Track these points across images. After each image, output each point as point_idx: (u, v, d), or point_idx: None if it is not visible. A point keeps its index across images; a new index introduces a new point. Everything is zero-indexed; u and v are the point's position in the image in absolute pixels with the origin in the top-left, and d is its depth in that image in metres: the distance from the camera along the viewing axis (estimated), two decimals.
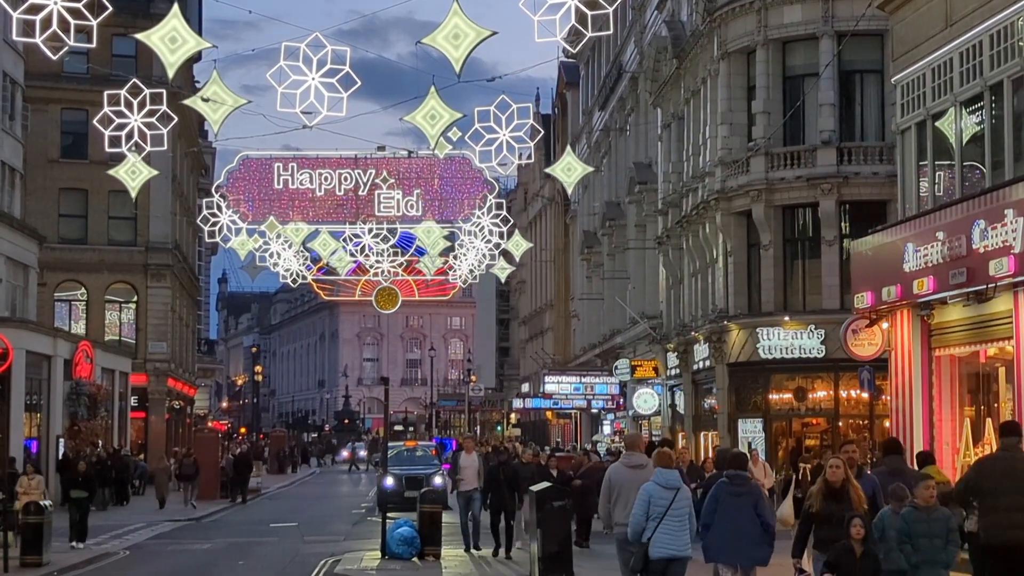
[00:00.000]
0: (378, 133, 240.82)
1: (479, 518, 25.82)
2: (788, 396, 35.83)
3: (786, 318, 35.09)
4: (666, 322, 46.17)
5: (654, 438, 37.47)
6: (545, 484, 20.16)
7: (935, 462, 17.08)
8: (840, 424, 34.81)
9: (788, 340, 35.10)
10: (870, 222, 29.42)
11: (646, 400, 46.00)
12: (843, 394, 34.75)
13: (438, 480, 35.25)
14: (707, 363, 39.02)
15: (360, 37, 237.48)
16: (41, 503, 24.55)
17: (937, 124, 23.74)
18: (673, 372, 44.66)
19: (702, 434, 40.65)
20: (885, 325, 24.98)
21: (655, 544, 13.58)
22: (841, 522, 12.86)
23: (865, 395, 32.10)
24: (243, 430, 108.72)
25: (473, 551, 25.26)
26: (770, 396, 36.04)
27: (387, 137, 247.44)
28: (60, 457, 41.53)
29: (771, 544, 14.26)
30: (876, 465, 17.20)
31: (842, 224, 34.95)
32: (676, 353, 43.44)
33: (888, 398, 26.13)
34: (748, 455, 19.40)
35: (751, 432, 36.13)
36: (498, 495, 24.71)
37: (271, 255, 37.38)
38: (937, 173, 24.08)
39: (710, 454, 32.18)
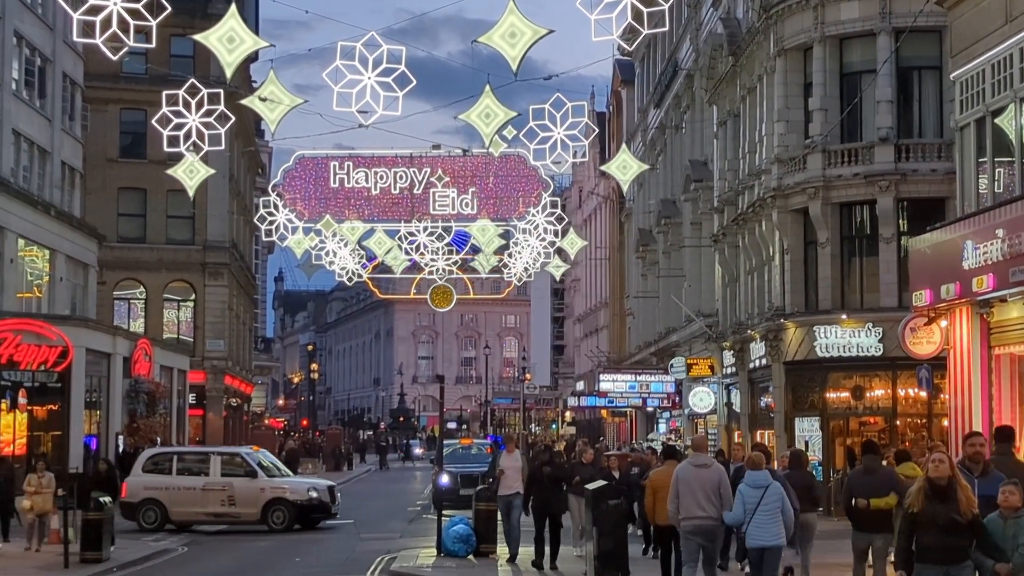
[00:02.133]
0: (429, 131, 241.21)
1: (519, 524, 23.34)
2: (845, 395, 35.59)
3: (843, 316, 34.85)
4: (722, 320, 45.98)
5: (711, 437, 37.31)
6: (601, 482, 20.11)
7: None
8: (898, 423, 34.54)
9: (846, 338, 34.87)
10: (928, 219, 29.18)
11: (702, 398, 45.83)
12: (901, 393, 34.47)
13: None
14: (763, 361, 38.82)
15: (410, 36, 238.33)
16: (102, 500, 24.75)
17: (997, 120, 23.49)
18: (729, 370, 44.47)
19: (758, 432, 40.44)
20: (944, 323, 24.79)
21: (749, 536, 15.19)
22: (949, 527, 11.33)
23: (923, 394, 31.83)
24: (305, 422, 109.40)
25: (515, 562, 22.98)
26: (827, 395, 35.80)
27: (438, 135, 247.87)
28: (119, 453, 42.01)
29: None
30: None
31: (900, 221, 34.67)
32: (732, 351, 43.26)
33: (947, 397, 25.91)
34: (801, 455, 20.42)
35: (808, 431, 35.93)
36: (540, 498, 22.55)
37: (327, 254, 37.53)
38: (997, 170, 23.82)
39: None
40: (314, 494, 33.22)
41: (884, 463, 17.51)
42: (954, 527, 11.30)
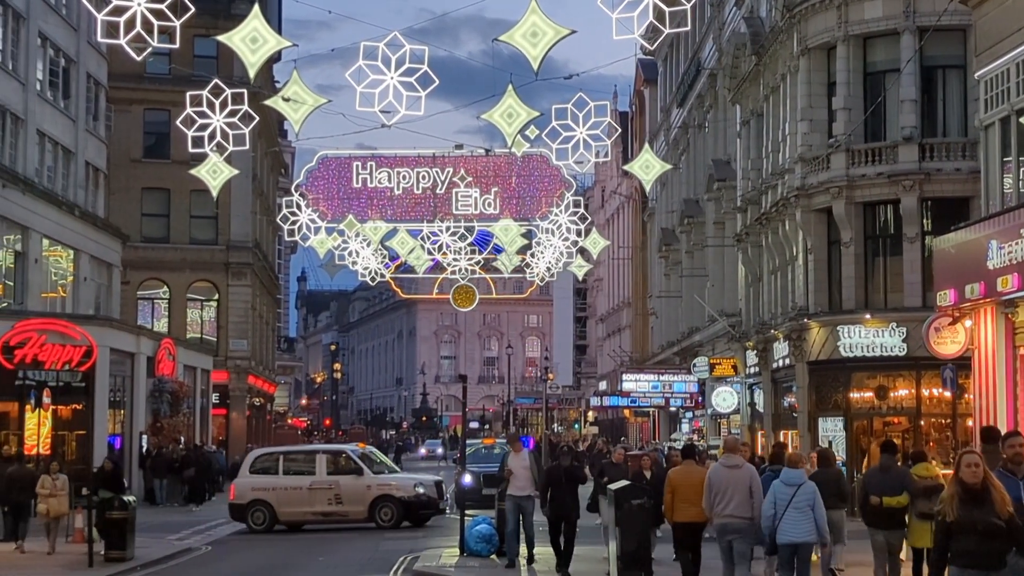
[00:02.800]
0: (450, 131, 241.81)
1: (532, 529, 22.75)
2: (869, 395, 35.45)
3: (867, 316, 34.73)
4: (745, 320, 45.89)
5: (735, 434, 36.98)
6: (624, 482, 20.07)
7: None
8: (922, 423, 34.40)
9: (869, 338, 34.75)
10: (953, 219, 29.05)
11: (725, 398, 45.75)
12: (925, 393, 34.31)
13: None
14: (787, 361, 38.73)
15: (431, 35, 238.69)
16: (126, 499, 24.85)
17: (1022, 119, 23.38)
18: (752, 370, 44.37)
19: (781, 432, 40.33)
20: (968, 323, 24.66)
21: (780, 532, 15.44)
22: (989, 531, 10.88)
23: (948, 394, 31.69)
24: (327, 421, 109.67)
25: (521, 561, 22.55)
26: (851, 395, 35.68)
27: (458, 135, 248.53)
28: (143, 452, 42.17)
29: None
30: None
31: (924, 221, 34.53)
32: (755, 351, 43.16)
33: (971, 397, 25.78)
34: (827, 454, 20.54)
35: (831, 431, 35.81)
36: (557, 500, 21.63)
37: (350, 253, 37.58)
38: (1021, 169, 23.70)
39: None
40: (421, 490, 33.18)
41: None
42: (994, 531, 10.93)
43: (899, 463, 17.82)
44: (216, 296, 60.13)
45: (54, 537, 26.03)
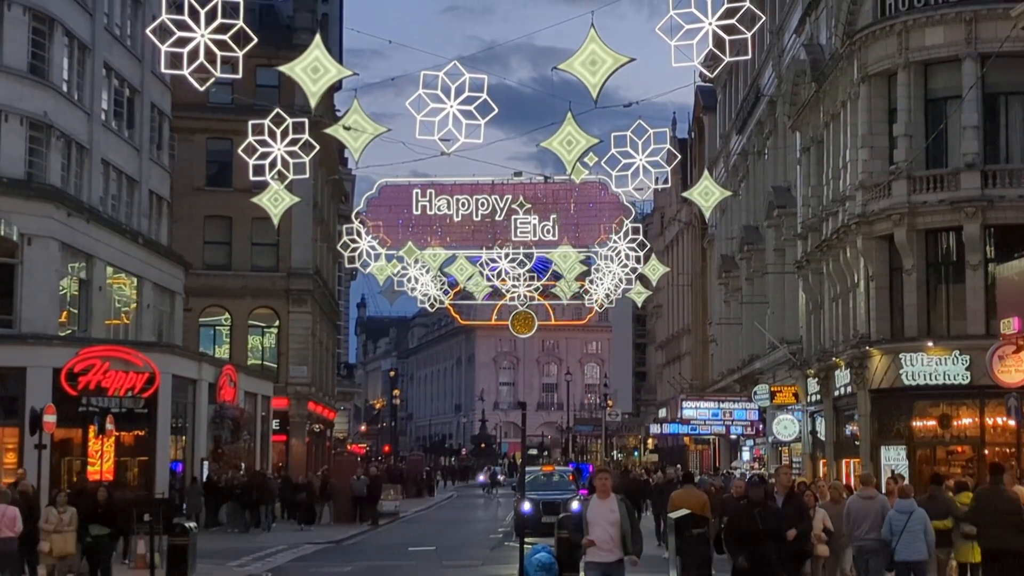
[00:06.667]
0: (503, 158, 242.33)
1: None
2: (932, 423, 35.11)
3: (930, 343, 34.43)
4: (806, 347, 45.61)
5: (796, 465, 36.79)
6: (685, 511, 19.98)
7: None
8: (986, 452, 34.01)
9: (932, 366, 34.45)
10: (1016, 246, 28.82)
11: (786, 426, 45.43)
12: (989, 421, 33.97)
13: (576, 505, 35.13)
14: (848, 389, 38.43)
15: (480, 63, 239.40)
16: (188, 524, 24.97)
17: None
18: (813, 398, 44.06)
19: (843, 461, 40.01)
20: None
21: (897, 552, 17.75)
22: None
23: (1012, 423, 31.34)
24: (387, 448, 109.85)
25: None
26: (913, 423, 35.36)
27: (512, 162, 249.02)
28: (205, 479, 42.39)
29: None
30: None
31: (987, 248, 34.23)
32: (816, 379, 42.86)
33: None
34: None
35: (894, 460, 35.47)
36: (756, 557, 15.58)
37: (409, 280, 37.74)
38: None
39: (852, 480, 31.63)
40: None
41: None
42: None
43: (945, 492, 20.48)
44: (277, 323, 60.46)
45: None
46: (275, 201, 24.68)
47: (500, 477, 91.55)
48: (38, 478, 31.29)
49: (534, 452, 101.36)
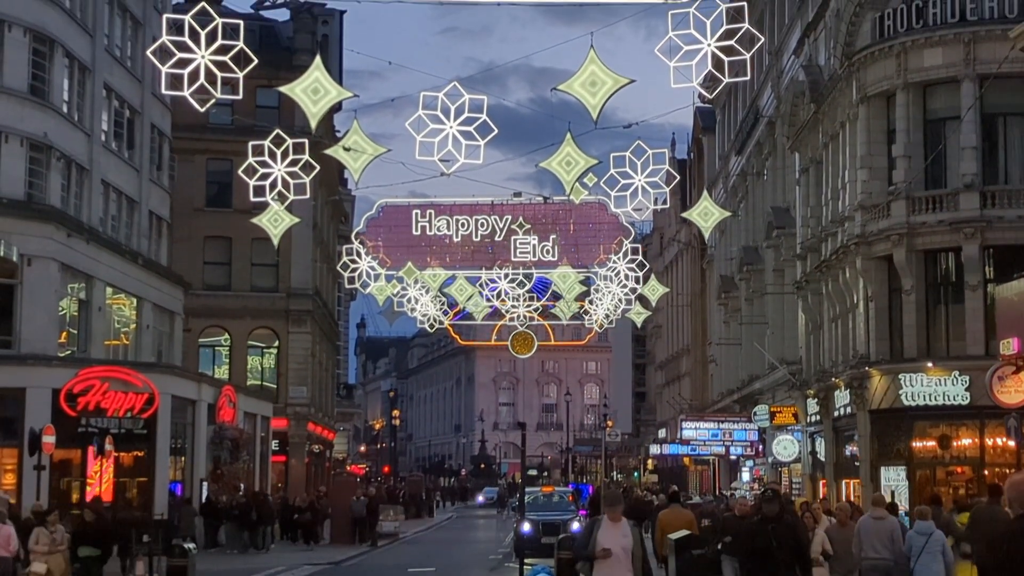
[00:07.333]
0: (502, 178, 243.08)
1: None
2: (932, 444, 35.09)
3: (929, 364, 34.43)
4: (806, 368, 45.60)
5: (795, 486, 36.62)
6: (684, 532, 19.96)
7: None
8: (986, 473, 33.98)
9: (931, 387, 34.43)
10: (1015, 266, 28.82)
11: (786, 447, 45.40)
12: (989, 442, 33.94)
13: (576, 526, 35.08)
14: (848, 409, 38.42)
15: (478, 83, 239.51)
16: (186, 546, 24.94)
17: None
18: (813, 419, 44.03)
19: (843, 482, 39.97)
20: None
21: (916, 572, 18.13)
22: None
23: (1012, 443, 31.32)
24: (386, 468, 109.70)
25: None
26: (913, 443, 35.33)
27: (510, 182, 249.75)
28: (204, 500, 42.34)
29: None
30: None
31: (986, 269, 34.25)
32: (816, 399, 42.85)
33: None
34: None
35: (894, 480, 35.43)
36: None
37: (408, 300, 37.75)
38: None
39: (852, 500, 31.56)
40: None
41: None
42: None
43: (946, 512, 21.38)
44: (276, 343, 60.44)
45: None
46: (275, 222, 24.71)
47: (480, 498, 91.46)
48: (37, 499, 31.25)
49: (534, 473, 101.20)
